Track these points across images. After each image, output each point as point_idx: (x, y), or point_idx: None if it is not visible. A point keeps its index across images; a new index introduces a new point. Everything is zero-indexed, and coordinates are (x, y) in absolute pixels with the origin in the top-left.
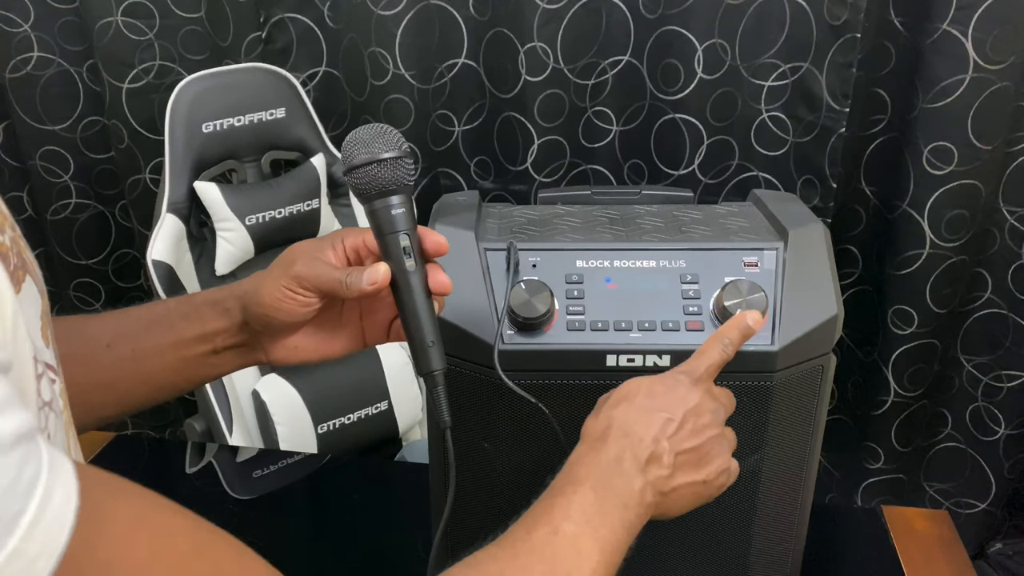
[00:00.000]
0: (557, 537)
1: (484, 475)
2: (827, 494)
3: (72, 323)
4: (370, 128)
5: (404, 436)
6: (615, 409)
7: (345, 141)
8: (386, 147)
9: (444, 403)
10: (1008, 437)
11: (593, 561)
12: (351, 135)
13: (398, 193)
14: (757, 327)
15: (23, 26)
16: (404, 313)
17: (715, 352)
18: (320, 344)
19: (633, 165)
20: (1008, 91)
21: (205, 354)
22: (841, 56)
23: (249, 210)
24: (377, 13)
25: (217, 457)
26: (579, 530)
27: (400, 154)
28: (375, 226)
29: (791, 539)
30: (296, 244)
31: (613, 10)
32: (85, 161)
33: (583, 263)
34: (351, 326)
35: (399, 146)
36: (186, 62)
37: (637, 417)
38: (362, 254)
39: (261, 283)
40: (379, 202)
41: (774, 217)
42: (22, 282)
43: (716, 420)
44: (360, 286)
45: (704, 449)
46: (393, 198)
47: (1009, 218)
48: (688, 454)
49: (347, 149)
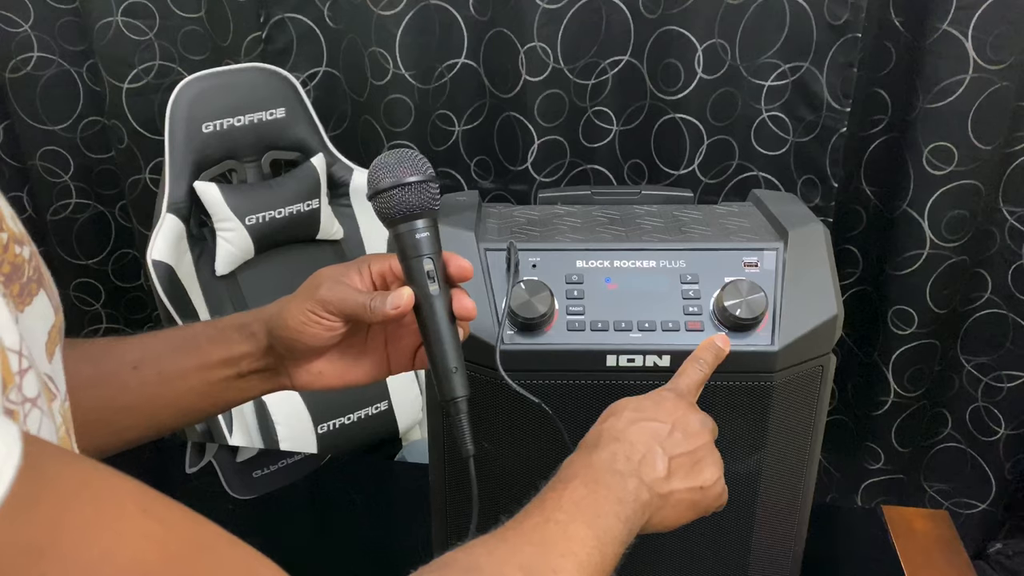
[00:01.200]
0: (548, 524)
1: (484, 475)
2: (827, 494)
3: (100, 345)
4: (396, 153)
5: (404, 436)
6: (604, 423)
7: (372, 166)
8: (411, 171)
9: (467, 431)
10: (1008, 437)
11: (588, 545)
12: (377, 160)
13: (423, 217)
14: (727, 347)
15: (23, 26)
16: (427, 338)
17: (694, 372)
18: (344, 370)
19: (633, 165)
20: (1008, 91)
21: (230, 378)
22: (842, 56)
23: (249, 210)
24: (377, 13)
25: (217, 457)
26: (570, 518)
27: (425, 178)
28: (400, 250)
29: (791, 539)
30: (322, 269)
31: (613, 10)
32: (85, 161)
33: (583, 263)
34: (376, 352)
35: (424, 170)
36: (186, 62)
37: (627, 426)
38: (388, 279)
39: (286, 307)
40: (404, 226)
41: (774, 217)
42: (34, 295)
43: (705, 430)
44: (384, 310)
45: (698, 455)
46: (418, 222)
47: (1009, 218)
48: (682, 458)
49: (373, 173)
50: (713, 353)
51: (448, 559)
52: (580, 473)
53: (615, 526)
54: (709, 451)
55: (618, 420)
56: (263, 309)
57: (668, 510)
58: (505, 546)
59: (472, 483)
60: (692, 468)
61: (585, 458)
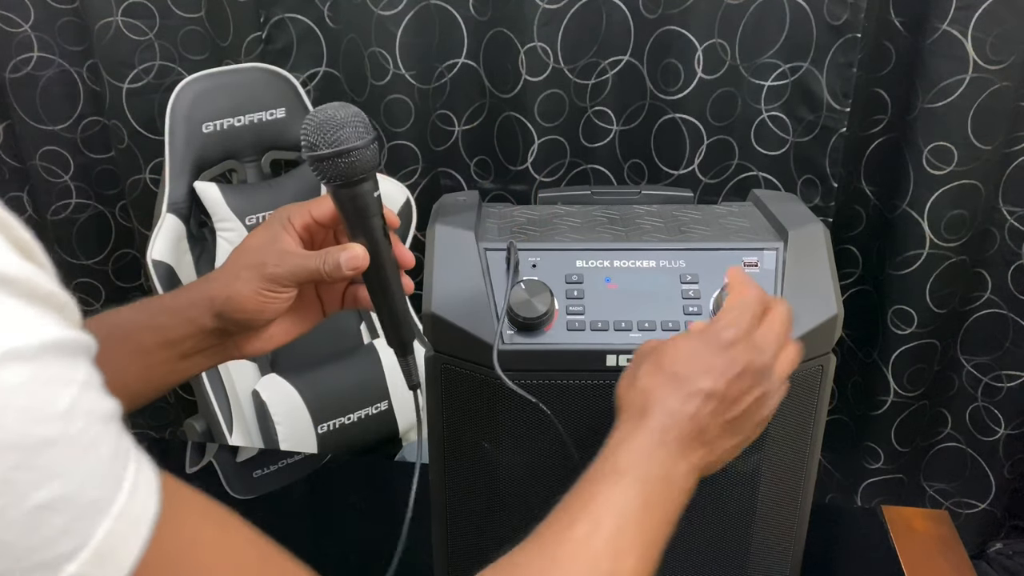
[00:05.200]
0: (595, 537)
1: (484, 475)
2: (827, 494)
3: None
4: (340, 108)
5: (404, 436)
6: (653, 379)
7: (317, 123)
8: (366, 130)
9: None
10: (1008, 437)
11: (633, 558)
12: (321, 117)
13: (374, 175)
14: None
15: (23, 26)
16: (382, 288)
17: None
18: (290, 327)
19: (633, 165)
20: (1008, 91)
21: (170, 359)
22: (842, 56)
23: (249, 210)
24: (377, 13)
25: (217, 457)
26: (619, 527)
27: (374, 135)
28: (354, 209)
29: (791, 539)
30: (248, 240)
31: (613, 10)
32: (85, 161)
33: (583, 263)
34: (311, 300)
35: (369, 127)
36: (186, 62)
37: (677, 389)
38: (313, 231)
39: (235, 290)
40: (364, 186)
41: (774, 217)
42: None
43: (755, 379)
44: (342, 272)
45: (747, 413)
46: (372, 182)
47: (1009, 218)
48: (730, 423)
49: (329, 133)
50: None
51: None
52: (633, 465)
53: (661, 532)
54: (757, 404)
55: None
56: (198, 291)
57: (710, 471)
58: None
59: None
60: (736, 429)
61: (636, 440)
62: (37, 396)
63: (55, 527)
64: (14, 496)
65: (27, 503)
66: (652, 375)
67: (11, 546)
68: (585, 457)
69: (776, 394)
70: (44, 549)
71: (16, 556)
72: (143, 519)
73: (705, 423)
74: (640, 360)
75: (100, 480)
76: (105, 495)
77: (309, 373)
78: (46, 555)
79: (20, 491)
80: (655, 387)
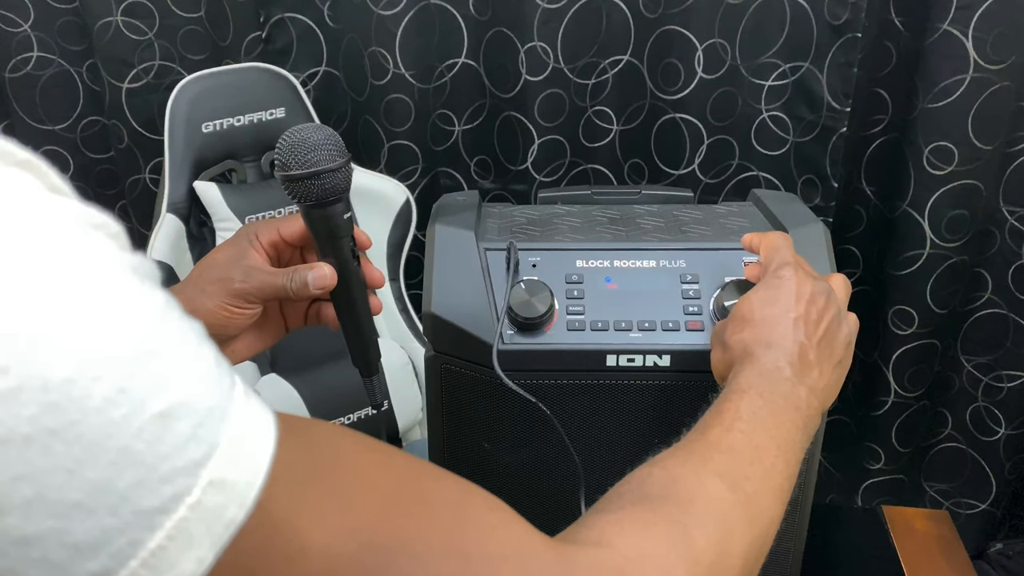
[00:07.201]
0: (732, 433)
1: (484, 475)
2: (827, 494)
3: None
4: (316, 130)
5: (404, 436)
6: (742, 333)
7: (290, 143)
8: (339, 153)
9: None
10: (1008, 437)
11: (771, 454)
12: (295, 138)
13: (346, 197)
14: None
15: (23, 26)
16: (349, 308)
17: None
18: (254, 342)
19: (633, 165)
20: (1008, 91)
21: None
22: (842, 56)
23: (249, 210)
24: (377, 13)
25: None
26: (751, 428)
27: (347, 158)
28: (325, 229)
29: (791, 539)
30: (214, 255)
31: (613, 10)
32: (85, 161)
33: (583, 263)
34: (275, 317)
35: (343, 150)
36: (186, 62)
37: (771, 329)
38: (279, 248)
39: (200, 304)
40: (335, 208)
41: (774, 217)
42: None
43: (827, 298)
44: (308, 291)
45: (831, 332)
46: (344, 203)
47: (1009, 218)
48: (822, 342)
49: (302, 154)
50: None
51: (643, 475)
52: (752, 384)
53: (794, 435)
54: (836, 320)
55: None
56: None
57: (826, 400)
58: (695, 457)
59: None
60: (829, 346)
61: (751, 368)
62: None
63: (181, 433)
64: (133, 404)
65: (147, 411)
66: (740, 331)
67: (142, 455)
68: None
69: (848, 317)
70: (175, 456)
71: (150, 465)
72: (264, 420)
73: (804, 345)
74: (719, 332)
75: (214, 385)
76: (220, 402)
77: (309, 373)
78: (177, 462)
79: (137, 398)
80: (749, 337)
